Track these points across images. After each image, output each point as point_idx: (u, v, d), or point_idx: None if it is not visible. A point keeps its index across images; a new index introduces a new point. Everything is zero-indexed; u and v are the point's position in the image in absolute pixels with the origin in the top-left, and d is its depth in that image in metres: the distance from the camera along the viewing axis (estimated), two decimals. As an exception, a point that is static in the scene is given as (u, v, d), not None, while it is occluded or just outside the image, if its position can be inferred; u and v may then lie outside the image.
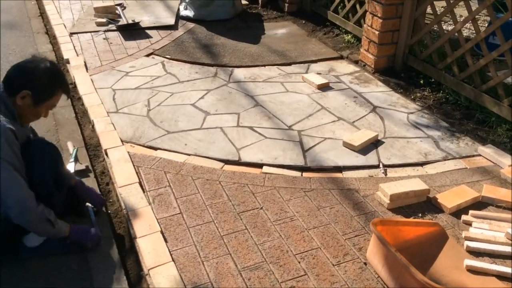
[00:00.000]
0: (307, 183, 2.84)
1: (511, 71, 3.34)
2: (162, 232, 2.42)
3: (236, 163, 3.03)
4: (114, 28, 5.22)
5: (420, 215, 2.59)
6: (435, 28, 4.43)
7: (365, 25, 4.39)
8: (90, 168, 3.03)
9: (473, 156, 3.15)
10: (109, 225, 2.57)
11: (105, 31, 5.15)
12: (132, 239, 2.41)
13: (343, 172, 2.97)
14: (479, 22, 5.48)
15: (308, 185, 2.82)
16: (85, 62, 4.40)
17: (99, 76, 4.16)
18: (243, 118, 3.54)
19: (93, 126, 3.44)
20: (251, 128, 3.41)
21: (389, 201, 2.61)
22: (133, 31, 5.17)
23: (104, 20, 5.34)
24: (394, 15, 4.12)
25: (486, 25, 5.45)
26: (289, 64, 4.52)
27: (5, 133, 2.01)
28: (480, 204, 2.69)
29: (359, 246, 2.37)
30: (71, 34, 5.09)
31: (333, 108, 3.71)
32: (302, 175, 2.94)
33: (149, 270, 2.20)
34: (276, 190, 2.77)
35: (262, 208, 2.62)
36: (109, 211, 2.70)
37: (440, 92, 3.92)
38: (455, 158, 3.12)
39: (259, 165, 3.01)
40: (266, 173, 2.93)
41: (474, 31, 3.69)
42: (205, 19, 5.53)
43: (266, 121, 3.50)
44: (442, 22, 4.82)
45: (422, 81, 4.08)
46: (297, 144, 3.23)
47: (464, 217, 2.57)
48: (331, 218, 2.56)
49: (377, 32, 4.18)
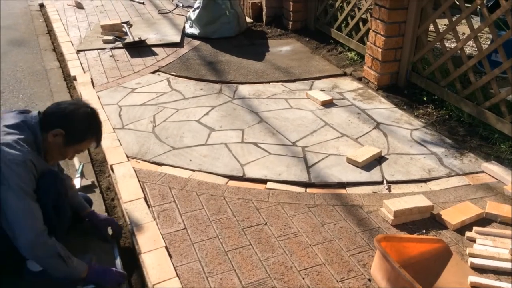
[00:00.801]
0: (311, 199, 2.86)
1: (514, 88, 3.36)
2: (166, 248, 2.43)
3: (241, 179, 3.05)
4: (121, 45, 5.30)
5: (424, 231, 2.60)
6: (437, 46, 4.48)
7: (368, 42, 4.44)
8: (96, 183, 3.06)
9: (477, 172, 3.16)
10: (114, 241, 2.58)
11: (111, 48, 5.23)
12: (137, 254, 2.42)
13: (347, 188, 2.98)
14: (481, 39, 5.53)
15: (312, 201, 2.83)
16: (92, 79, 4.46)
17: (105, 93, 4.21)
18: (247, 134, 3.57)
19: (99, 142, 3.48)
20: (255, 144, 3.44)
21: (393, 218, 2.62)
22: (139, 49, 5.24)
23: (110, 37, 5.43)
24: (397, 33, 4.17)
25: (488, 42, 5.49)
26: (293, 81, 4.57)
27: (25, 162, 2.00)
28: (484, 220, 2.69)
29: (363, 262, 2.37)
30: (78, 51, 5.17)
31: (336, 125, 3.73)
32: (306, 191, 2.95)
33: (153, 285, 2.21)
34: (280, 206, 2.79)
35: (266, 223, 2.63)
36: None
37: (443, 109, 3.95)
38: (458, 174, 3.13)
39: (263, 181, 3.02)
40: (270, 189, 2.95)
41: (476, 49, 3.71)
42: (210, 36, 5.61)
43: (270, 137, 3.53)
44: (445, 40, 4.86)
45: (425, 98, 4.11)
46: (301, 160, 3.25)
47: (468, 233, 2.57)
48: (335, 234, 2.57)
49: (380, 50, 4.22)
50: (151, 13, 6.65)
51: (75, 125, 2.18)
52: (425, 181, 3.07)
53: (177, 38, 5.57)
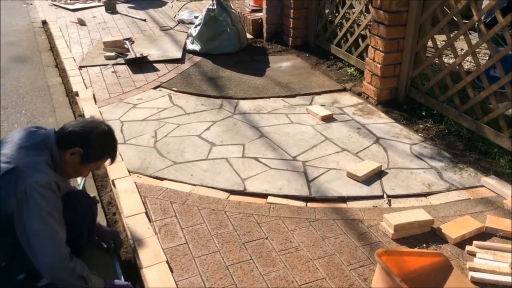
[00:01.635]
0: (311, 213, 2.87)
1: (512, 103, 3.39)
2: (168, 262, 2.44)
3: (242, 194, 3.06)
4: (123, 61, 5.35)
5: (424, 245, 2.60)
6: (436, 61, 4.52)
7: (367, 58, 4.48)
8: (98, 198, 3.07)
9: (476, 187, 3.17)
10: (115, 256, 2.59)
11: (113, 64, 5.28)
12: (138, 269, 2.43)
13: (347, 203, 3.00)
14: (480, 55, 5.58)
15: (312, 215, 2.84)
16: (94, 95, 4.51)
17: (107, 108, 4.25)
18: (248, 149, 3.60)
19: (101, 157, 3.50)
20: (256, 159, 3.46)
21: (393, 232, 2.63)
22: (141, 65, 5.29)
23: (112, 54, 5.48)
24: (395, 49, 4.21)
25: (486, 58, 5.54)
26: (294, 96, 4.60)
27: (51, 185, 2.00)
28: (484, 234, 2.70)
29: (364, 276, 2.38)
30: (80, 67, 5.22)
31: (337, 139, 3.76)
32: (306, 205, 2.96)
33: (155, 300, 2.21)
34: (281, 220, 2.80)
35: (267, 238, 2.64)
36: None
37: (443, 123, 3.98)
38: (458, 189, 3.15)
39: (264, 195, 3.04)
40: (271, 203, 2.96)
41: (474, 64, 3.76)
42: (211, 52, 5.67)
43: (271, 152, 3.55)
44: (443, 55, 4.92)
45: (424, 113, 4.14)
46: (302, 175, 3.26)
47: (468, 247, 2.57)
48: (336, 248, 2.57)
49: (379, 66, 4.27)
50: (152, 30, 6.73)
51: (93, 144, 2.18)
52: (425, 195, 3.08)
53: (178, 54, 5.62)
